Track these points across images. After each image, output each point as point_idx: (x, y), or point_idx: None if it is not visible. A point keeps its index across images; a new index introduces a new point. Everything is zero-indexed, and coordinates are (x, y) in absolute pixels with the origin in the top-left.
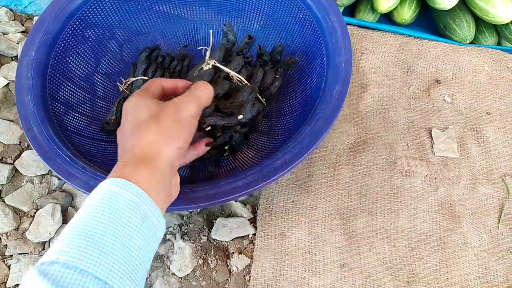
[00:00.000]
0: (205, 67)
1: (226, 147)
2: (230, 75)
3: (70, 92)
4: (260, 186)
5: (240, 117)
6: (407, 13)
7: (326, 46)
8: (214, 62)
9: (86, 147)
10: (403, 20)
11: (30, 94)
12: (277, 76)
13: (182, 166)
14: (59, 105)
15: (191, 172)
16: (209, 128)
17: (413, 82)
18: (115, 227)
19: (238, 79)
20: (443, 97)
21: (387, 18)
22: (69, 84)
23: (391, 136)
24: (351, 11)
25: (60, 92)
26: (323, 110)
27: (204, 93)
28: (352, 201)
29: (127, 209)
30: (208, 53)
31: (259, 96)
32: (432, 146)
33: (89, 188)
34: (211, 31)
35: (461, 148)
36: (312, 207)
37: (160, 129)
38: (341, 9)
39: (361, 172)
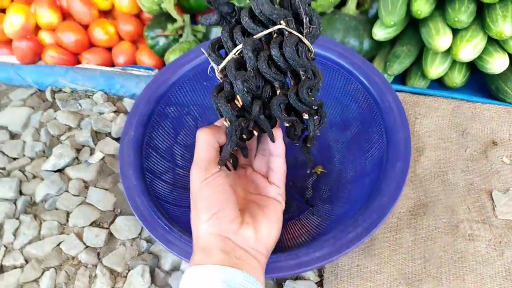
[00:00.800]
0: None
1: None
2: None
3: (156, 162)
4: (335, 258)
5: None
6: (458, 78)
7: (384, 125)
8: (219, 70)
9: (175, 214)
10: (454, 84)
11: (132, 168)
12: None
13: (282, 179)
14: (150, 175)
15: None
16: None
17: (469, 144)
18: None
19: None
20: (501, 158)
21: (438, 82)
22: (156, 155)
23: (451, 199)
24: (402, 78)
25: (149, 163)
26: (387, 186)
27: (198, 146)
28: (416, 266)
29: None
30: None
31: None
32: (494, 209)
33: (187, 255)
34: (203, 49)
35: None
36: (376, 272)
37: (192, 218)
38: (391, 78)
39: (423, 236)
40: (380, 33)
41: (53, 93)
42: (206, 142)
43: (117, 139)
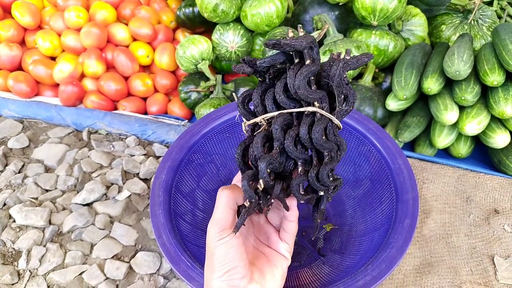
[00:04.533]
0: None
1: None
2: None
3: (180, 204)
4: None
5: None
6: (463, 149)
7: (394, 184)
8: (246, 124)
9: (195, 252)
10: (460, 155)
11: (161, 208)
12: None
13: (293, 238)
14: (174, 215)
15: None
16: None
17: (472, 210)
18: None
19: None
20: (503, 226)
21: (445, 151)
22: (180, 197)
23: (455, 261)
24: (411, 145)
25: (175, 204)
26: (396, 239)
27: (217, 205)
28: None
29: None
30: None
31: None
32: (496, 273)
33: None
34: (234, 94)
35: None
36: None
37: (205, 268)
38: (401, 145)
39: None
40: (393, 104)
41: (89, 134)
42: (226, 203)
43: (144, 180)
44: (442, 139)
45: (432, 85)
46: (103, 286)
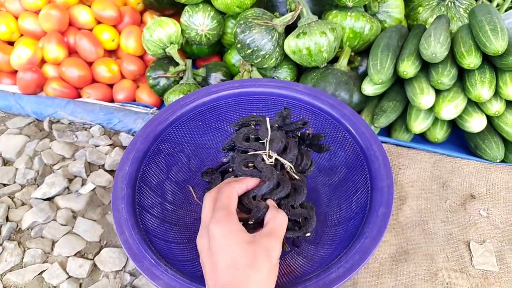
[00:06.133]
0: (267, 160)
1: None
2: (285, 166)
3: (147, 197)
4: None
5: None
6: (439, 133)
7: (369, 171)
8: (275, 154)
9: (162, 248)
10: (436, 140)
11: (124, 202)
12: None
13: None
14: (140, 209)
15: None
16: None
17: (449, 196)
18: None
19: (292, 171)
20: (479, 211)
21: (421, 136)
22: (147, 189)
23: (431, 248)
24: (387, 130)
25: (140, 197)
26: (370, 229)
27: (275, 221)
28: None
29: None
30: (267, 144)
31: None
32: (471, 259)
33: None
34: (267, 118)
35: (500, 262)
36: None
37: (259, 279)
38: (378, 130)
39: (404, 282)
40: (369, 88)
41: (51, 124)
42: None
43: (110, 172)
44: (418, 124)
45: (408, 68)
46: (65, 285)
